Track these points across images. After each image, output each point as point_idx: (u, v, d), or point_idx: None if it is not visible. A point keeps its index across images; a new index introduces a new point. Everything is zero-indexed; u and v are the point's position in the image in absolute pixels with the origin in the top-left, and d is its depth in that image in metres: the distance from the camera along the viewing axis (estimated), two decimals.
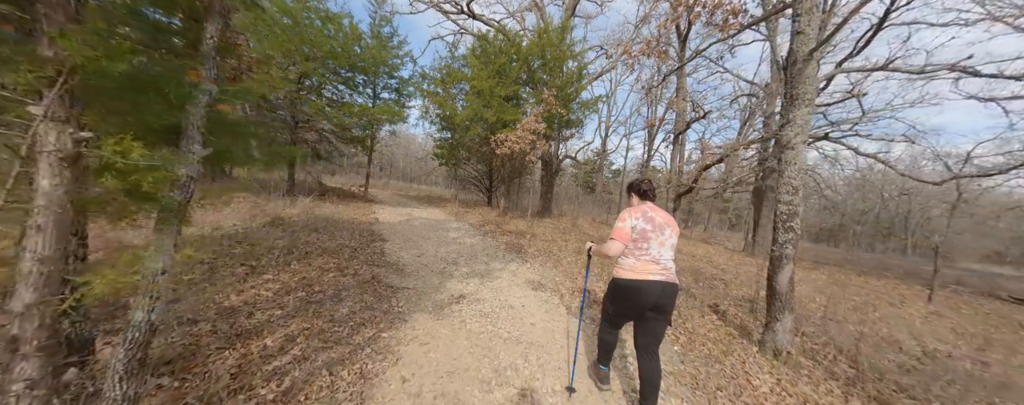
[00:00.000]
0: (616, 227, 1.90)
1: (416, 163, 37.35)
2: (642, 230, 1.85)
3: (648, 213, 1.91)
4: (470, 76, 9.54)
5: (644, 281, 1.80)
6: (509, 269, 4.89)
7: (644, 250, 1.84)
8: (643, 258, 1.84)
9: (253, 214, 5.65)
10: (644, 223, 1.86)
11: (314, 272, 3.49)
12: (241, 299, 2.61)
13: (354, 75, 9.85)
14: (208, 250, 3.55)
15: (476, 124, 10.12)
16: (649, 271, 1.81)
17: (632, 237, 1.86)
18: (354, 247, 4.84)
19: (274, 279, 3.11)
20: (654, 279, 1.80)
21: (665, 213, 1.97)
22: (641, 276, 1.81)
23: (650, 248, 1.84)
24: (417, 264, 4.55)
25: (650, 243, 1.84)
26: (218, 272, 3.05)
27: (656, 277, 1.80)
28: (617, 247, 1.87)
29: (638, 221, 1.87)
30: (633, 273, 1.83)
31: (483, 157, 12.72)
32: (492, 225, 8.96)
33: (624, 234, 1.87)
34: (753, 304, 4.17)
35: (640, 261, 1.84)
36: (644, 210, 1.93)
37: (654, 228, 1.86)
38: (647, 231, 1.85)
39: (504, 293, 3.85)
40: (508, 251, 6.09)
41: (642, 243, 1.84)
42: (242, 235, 4.40)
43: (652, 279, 1.80)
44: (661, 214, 1.94)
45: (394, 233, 6.45)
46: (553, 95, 8.25)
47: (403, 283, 3.74)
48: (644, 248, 1.85)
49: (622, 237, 1.86)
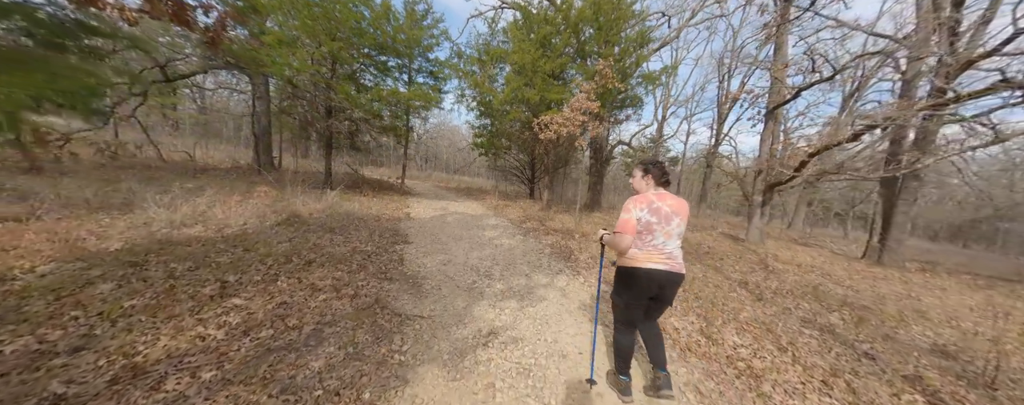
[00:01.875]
0: (621, 219, 1.80)
1: (458, 154, 37.41)
2: (647, 223, 1.77)
3: (654, 203, 1.80)
4: (510, 51, 8.36)
5: (649, 268, 1.77)
6: (556, 285, 3.77)
7: (648, 242, 1.79)
8: (647, 248, 1.80)
9: (274, 209, 5.15)
10: (649, 215, 1.77)
11: (302, 293, 2.68)
12: (169, 347, 1.81)
13: (387, 59, 9.20)
14: (183, 259, 2.90)
15: (517, 107, 8.97)
16: (654, 259, 1.78)
17: (637, 229, 1.78)
18: (368, 252, 4.04)
19: (242, 306, 2.33)
20: (659, 267, 1.76)
21: (675, 199, 1.86)
22: (645, 263, 1.77)
23: (655, 240, 1.79)
24: (440, 277, 3.62)
25: (655, 235, 1.79)
26: (176, 294, 2.33)
27: (661, 265, 1.77)
28: (626, 241, 1.77)
29: (643, 213, 1.78)
30: (636, 261, 1.79)
31: (524, 145, 11.59)
32: (534, 221, 7.86)
33: (630, 226, 1.77)
34: (987, 374, 2.37)
35: (644, 251, 1.79)
36: (650, 199, 1.81)
37: (660, 219, 1.78)
38: (652, 224, 1.77)
39: (552, 327, 2.76)
40: (554, 257, 4.96)
41: (647, 236, 1.79)
42: (243, 237, 3.79)
43: (657, 267, 1.76)
44: (669, 201, 1.83)
45: (422, 232, 5.64)
46: (609, 66, 6.79)
47: (415, 309, 2.80)
48: (648, 240, 1.79)
49: (628, 229, 1.77)
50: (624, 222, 1.77)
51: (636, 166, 2.01)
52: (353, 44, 7.12)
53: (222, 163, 11.24)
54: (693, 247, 7.17)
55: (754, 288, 4.27)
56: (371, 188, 10.29)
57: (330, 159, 9.07)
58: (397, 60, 9.30)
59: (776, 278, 5.02)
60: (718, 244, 7.84)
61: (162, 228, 3.69)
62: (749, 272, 5.23)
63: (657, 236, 1.78)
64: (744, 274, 5.05)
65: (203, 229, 3.92)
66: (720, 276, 4.76)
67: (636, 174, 1.98)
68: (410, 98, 8.35)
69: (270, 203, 5.32)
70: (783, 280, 4.94)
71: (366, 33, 7.28)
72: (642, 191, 1.91)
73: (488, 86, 9.34)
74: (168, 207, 4.03)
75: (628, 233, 1.75)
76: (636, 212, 1.78)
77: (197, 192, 4.84)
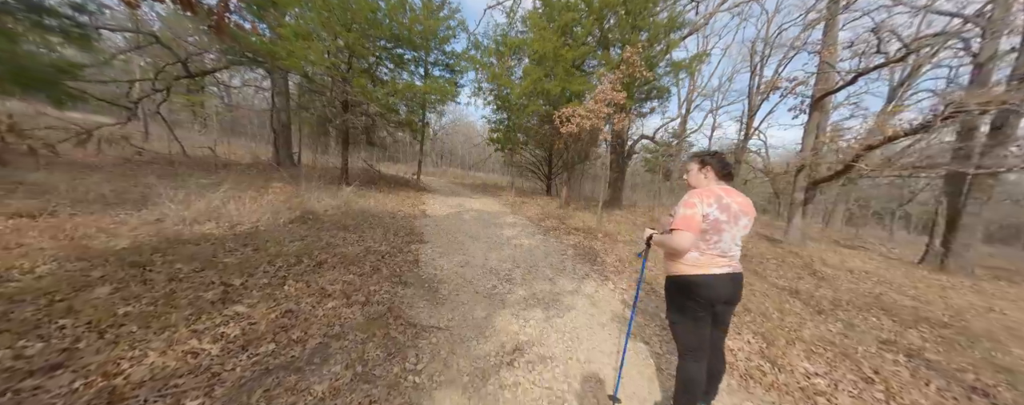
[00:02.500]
0: (682, 214, 1.48)
1: (474, 150, 37.29)
2: (714, 221, 1.47)
3: (723, 198, 1.51)
4: (530, 40, 7.97)
5: (711, 276, 1.50)
6: (584, 292, 3.43)
7: (713, 244, 1.50)
8: (709, 252, 1.51)
9: (289, 206, 5.02)
10: (719, 212, 1.48)
11: (310, 299, 2.46)
12: (156, 366, 1.60)
13: (403, 52, 8.98)
14: (189, 259, 2.74)
15: (535, 100, 8.58)
16: (716, 264, 1.51)
17: (702, 228, 1.47)
18: (383, 252, 3.82)
19: (244, 314, 2.12)
20: (722, 272, 1.51)
21: (742, 196, 1.58)
22: (707, 270, 1.50)
23: (721, 242, 1.50)
24: (458, 280, 3.35)
25: (722, 236, 1.49)
26: (175, 299, 2.14)
27: (724, 269, 1.51)
28: (687, 239, 1.45)
29: (712, 209, 1.47)
30: (697, 267, 1.51)
31: (542, 140, 11.20)
32: (554, 219, 7.52)
33: (694, 224, 1.46)
34: None
35: (705, 255, 1.51)
36: (718, 194, 1.51)
37: (729, 218, 1.49)
38: (720, 222, 1.48)
39: (584, 342, 2.44)
40: (578, 259, 4.61)
41: (713, 236, 1.49)
42: (254, 235, 3.64)
43: (720, 272, 1.50)
44: (738, 199, 1.55)
45: (438, 231, 5.40)
46: (636, 53, 6.31)
47: (432, 318, 2.54)
48: (714, 241, 1.50)
49: (692, 227, 1.45)
50: (686, 218, 1.47)
51: (691, 159, 1.73)
52: (369, 36, 6.92)
53: (243, 159, 11.40)
54: None
55: (808, 298, 3.80)
56: (387, 184, 10.19)
57: (346, 155, 8.99)
58: (413, 53, 9.07)
59: (828, 286, 4.51)
60: (754, 245, 7.27)
61: (174, 225, 3.58)
62: (796, 279, 4.73)
63: (724, 238, 1.51)
64: (792, 281, 4.56)
65: (215, 226, 3.79)
66: (765, 283, 4.30)
67: (692, 168, 1.70)
68: (426, 92, 8.11)
69: (285, 199, 5.19)
70: (837, 288, 4.42)
71: (382, 24, 7.06)
72: (700, 186, 1.63)
73: (506, 78, 8.98)
74: (181, 203, 3.93)
75: (691, 232, 1.46)
76: (703, 207, 1.48)
77: (213, 188, 4.76)
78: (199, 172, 7.14)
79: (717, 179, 1.62)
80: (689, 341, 1.60)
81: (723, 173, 1.61)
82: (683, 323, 1.59)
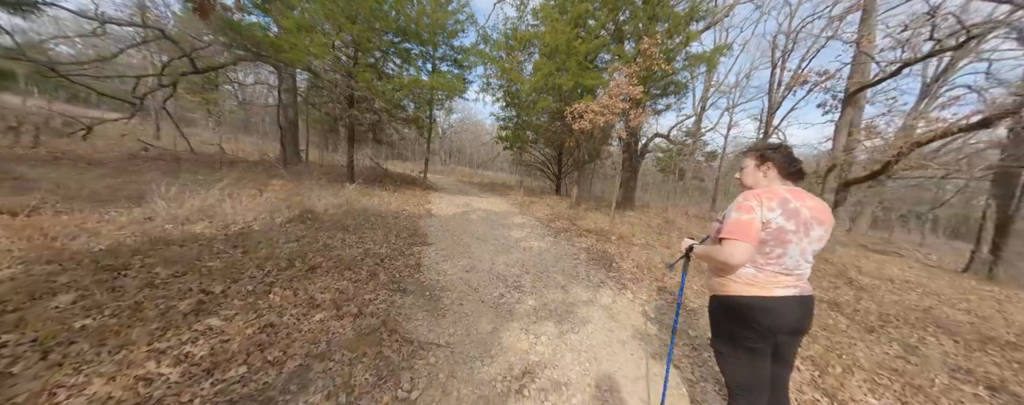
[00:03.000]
0: (736, 219, 1.17)
1: (482, 148, 37.08)
2: (778, 229, 1.15)
3: (790, 202, 1.17)
4: (542, 33, 7.64)
5: (773, 298, 1.18)
6: (600, 302, 3.12)
7: (775, 258, 1.18)
8: (769, 268, 1.19)
9: (289, 204, 4.81)
10: (784, 218, 1.15)
11: (295, 310, 2.20)
12: (98, 396, 1.35)
13: (410, 46, 8.74)
14: (170, 262, 2.51)
15: (545, 96, 8.25)
16: (779, 283, 1.18)
17: (762, 238, 1.16)
18: (383, 255, 3.56)
19: (218, 328, 1.87)
20: (787, 293, 1.18)
21: (814, 199, 1.23)
22: (767, 290, 1.18)
23: (787, 256, 1.17)
24: (462, 288, 3.07)
25: (788, 248, 1.16)
26: (142, 311, 1.90)
27: (789, 291, 1.19)
28: (742, 251, 1.14)
29: (774, 214, 1.15)
30: (754, 287, 1.20)
31: (552, 138, 10.86)
32: (564, 220, 7.19)
33: (751, 232, 1.14)
34: None
35: (764, 272, 1.19)
36: (783, 197, 1.18)
37: (798, 227, 1.16)
38: (786, 232, 1.15)
39: (604, 364, 2.13)
40: (592, 264, 4.29)
41: (775, 248, 1.17)
42: (247, 235, 3.42)
43: (785, 293, 1.18)
44: (809, 203, 1.20)
45: (443, 231, 5.14)
46: (654, 44, 5.93)
47: (431, 332, 2.26)
48: (777, 255, 1.17)
49: (748, 237, 1.14)
50: (742, 225, 1.17)
51: (747, 153, 1.40)
52: (374, 29, 6.69)
53: (251, 156, 11.36)
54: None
55: (851, 312, 3.40)
56: (393, 182, 9.99)
57: (352, 152, 8.81)
58: (420, 47, 8.83)
59: (870, 297, 4.08)
60: None
61: (165, 224, 3.38)
62: (833, 289, 4.32)
63: (791, 251, 1.18)
64: (828, 291, 4.15)
65: (208, 225, 3.59)
66: None
67: (747, 164, 1.37)
68: (433, 87, 7.86)
69: (285, 198, 5.00)
70: (880, 300, 4.00)
71: (388, 16, 6.82)
72: (759, 186, 1.32)
73: (516, 73, 8.67)
74: (174, 201, 3.74)
75: (748, 242, 1.15)
76: (763, 211, 1.17)
77: (209, 185, 4.58)
78: (204, 169, 7.04)
79: (780, 178, 1.29)
80: (741, 378, 1.28)
81: (789, 171, 1.28)
82: (734, 356, 1.28)
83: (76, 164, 5.52)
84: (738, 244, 1.15)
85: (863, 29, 5.75)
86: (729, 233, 1.17)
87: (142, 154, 7.57)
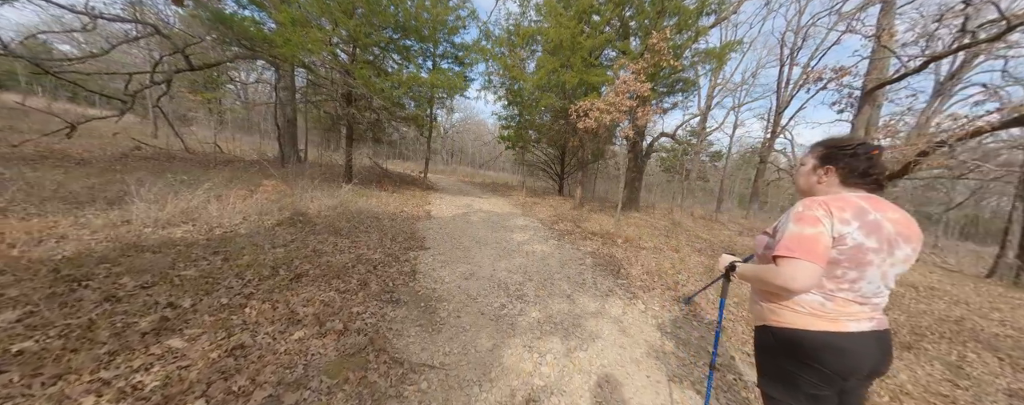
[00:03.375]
0: (797, 234, 0.91)
1: (484, 148, 36.90)
2: (856, 248, 0.90)
3: (868, 213, 0.92)
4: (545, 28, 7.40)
5: (846, 334, 0.92)
6: (609, 314, 2.88)
7: (849, 283, 0.93)
8: (840, 296, 0.94)
9: (281, 206, 4.59)
10: (863, 234, 0.90)
11: (272, 327, 1.97)
12: None
13: (410, 43, 8.51)
14: (140, 272, 2.29)
15: (549, 93, 8.01)
16: (852, 315, 0.93)
17: (833, 257, 0.91)
18: (375, 262, 3.33)
19: (178, 351, 1.64)
20: (863, 328, 0.93)
21: (897, 210, 0.96)
22: (838, 324, 0.93)
23: (864, 280, 0.92)
24: (460, 297, 2.83)
25: (866, 272, 0.91)
26: (94, 331, 1.68)
27: (865, 325, 0.93)
28: (808, 274, 0.88)
29: (850, 228, 0.90)
30: (822, 319, 0.94)
31: (555, 138, 10.63)
32: (568, 222, 6.95)
33: (819, 249, 0.89)
34: None
35: (834, 300, 0.94)
36: (859, 206, 0.93)
37: (881, 245, 0.90)
38: (866, 251, 0.90)
39: (616, 390, 1.90)
40: (599, 270, 4.05)
41: (850, 270, 0.92)
42: (231, 240, 3.19)
43: (860, 328, 0.93)
44: (892, 215, 0.94)
45: (442, 234, 4.91)
46: (663, 39, 5.68)
47: (424, 352, 2.02)
48: (851, 279, 0.92)
49: (815, 255, 0.88)
50: (806, 241, 0.91)
51: (809, 152, 1.11)
52: (372, 24, 6.47)
53: (249, 155, 11.17)
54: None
55: None
56: (393, 182, 9.77)
57: (350, 151, 8.59)
58: (420, 44, 8.60)
59: (895, 307, 3.82)
60: None
61: (143, 228, 3.16)
62: None
63: (870, 275, 0.93)
64: None
65: (192, 229, 3.37)
66: None
67: (806, 164, 1.10)
68: (433, 84, 7.63)
69: (276, 199, 4.78)
70: (907, 310, 3.74)
71: (386, 11, 6.59)
72: (816, 193, 1.05)
73: (518, 70, 8.44)
74: (156, 203, 3.53)
75: (814, 262, 0.89)
76: (834, 224, 0.91)
77: (197, 185, 4.37)
78: (196, 168, 6.83)
79: (842, 185, 1.02)
80: None
81: (857, 180, 1.00)
82: (789, 403, 1.03)
83: (61, 163, 5.32)
84: (801, 264, 0.90)
85: (884, 22, 5.47)
86: (788, 250, 0.92)
87: (134, 153, 7.37)
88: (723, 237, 7.84)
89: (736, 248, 6.62)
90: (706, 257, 5.35)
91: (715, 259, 5.29)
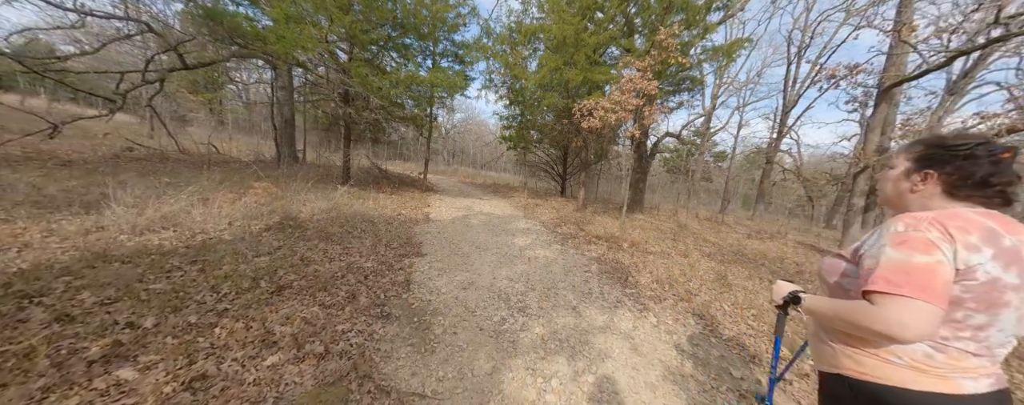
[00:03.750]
0: (902, 262, 0.69)
1: (485, 149, 36.73)
2: (990, 283, 0.67)
3: (1002, 237, 0.69)
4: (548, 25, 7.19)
5: (962, 398, 0.70)
6: (619, 329, 2.64)
7: (973, 330, 0.70)
8: (957, 346, 0.71)
9: (271, 209, 4.39)
10: (998, 266, 0.67)
11: (242, 352, 1.75)
12: None
13: (409, 41, 8.31)
14: (103, 286, 2.07)
15: (552, 92, 7.79)
16: (968, 370, 0.71)
17: (955, 295, 0.69)
18: (367, 270, 3.11)
19: (127, 385, 1.42)
20: (982, 390, 0.71)
21: None
22: (951, 384, 0.71)
23: (994, 326, 0.70)
24: (458, 310, 2.61)
25: (999, 316, 0.69)
26: (34, 358, 1.46)
27: (983, 384, 0.71)
28: (926, 319, 0.64)
29: (981, 257, 0.67)
30: (928, 375, 0.72)
31: (558, 138, 10.41)
32: (571, 225, 6.72)
33: (938, 285, 0.66)
34: None
35: (948, 351, 0.72)
36: (987, 227, 0.70)
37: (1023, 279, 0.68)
38: (1003, 288, 0.68)
39: None
40: (605, 278, 3.81)
41: (976, 313, 0.69)
42: (211, 248, 2.97)
43: (978, 389, 0.71)
44: None
45: (440, 239, 4.69)
46: (671, 35, 5.45)
47: (415, 377, 1.80)
48: (977, 325, 0.70)
49: (934, 293, 0.65)
50: (920, 272, 0.67)
51: (902, 151, 0.88)
52: (369, 21, 6.26)
53: (246, 156, 10.98)
54: (774, 262, 5.73)
55: None
56: (391, 184, 9.57)
57: (348, 151, 8.39)
58: (419, 42, 8.39)
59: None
60: (807, 260, 6.30)
61: (118, 234, 2.96)
62: None
63: (1003, 320, 0.70)
64: None
65: (172, 235, 3.16)
66: None
67: (896, 166, 0.87)
68: (432, 83, 7.42)
69: (266, 202, 4.57)
70: None
71: (383, 8, 6.38)
72: (907, 206, 0.84)
73: (520, 69, 8.23)
74: (134, 208, 3.32)
75: (934, 303, 0.66)
76: (959, 251, 0.68)
77: (184, 187, 4.17)
78: (188, 170, 6.64)
79: (946, 196, 0.78)
80: None
81: (980, 188, 0.75)
82: None
83: (45, 164, 5.13)
84: (914, 305, 0.66)
85: (904, 15, 5.21)
86: (892, 285, 0.68)
87: (126, 154, 7.19)
88: (732, 240, 7.59)
89: (748, 253, 6.37)
90: (716, 262, 5.11)
91: (725, 265, 5.04)
